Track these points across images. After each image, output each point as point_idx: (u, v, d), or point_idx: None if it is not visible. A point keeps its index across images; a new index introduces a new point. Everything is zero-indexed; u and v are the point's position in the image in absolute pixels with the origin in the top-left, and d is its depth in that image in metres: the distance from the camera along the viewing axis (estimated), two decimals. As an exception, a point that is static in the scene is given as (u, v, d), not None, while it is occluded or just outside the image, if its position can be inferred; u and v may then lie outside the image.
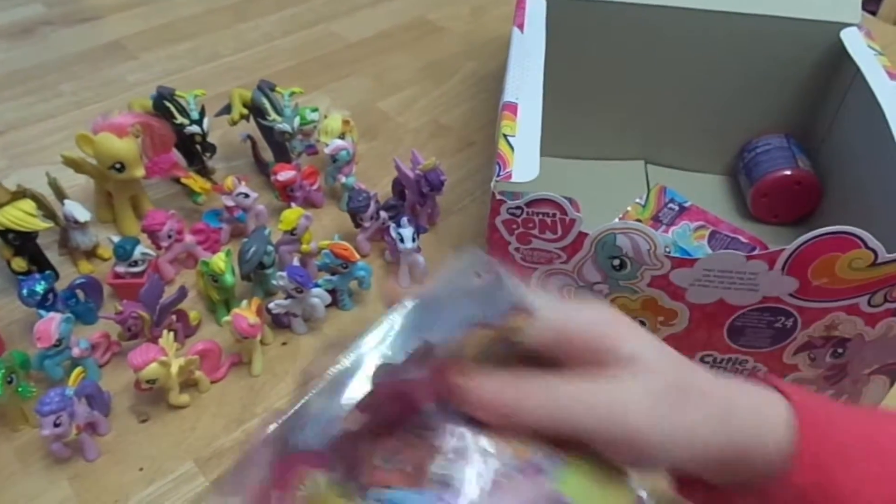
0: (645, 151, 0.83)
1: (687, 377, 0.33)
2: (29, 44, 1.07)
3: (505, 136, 0.52)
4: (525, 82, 0.58)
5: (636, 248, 0.48)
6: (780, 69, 0.73)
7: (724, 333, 0.53)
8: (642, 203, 0.74)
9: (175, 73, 1.01)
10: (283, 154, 0.78)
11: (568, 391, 0.31)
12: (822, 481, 0.33)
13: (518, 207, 0.48)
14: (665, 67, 0.76)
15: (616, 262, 0.49)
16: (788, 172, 0.71)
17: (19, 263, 0.65)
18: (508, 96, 0.56)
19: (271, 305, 0.62)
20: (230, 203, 0.70)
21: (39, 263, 0.67)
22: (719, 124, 0.78)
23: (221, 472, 0.55)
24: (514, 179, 0.48)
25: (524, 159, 0.50)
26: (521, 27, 0.67)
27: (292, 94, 0.76)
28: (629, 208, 0.74)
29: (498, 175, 0.48)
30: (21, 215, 0.61)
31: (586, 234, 0.48)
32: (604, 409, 0.30)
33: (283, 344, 0.64)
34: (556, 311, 0.33)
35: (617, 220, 0.69)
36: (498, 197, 0.48)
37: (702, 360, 0.56)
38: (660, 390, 0.32)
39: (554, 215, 0.48)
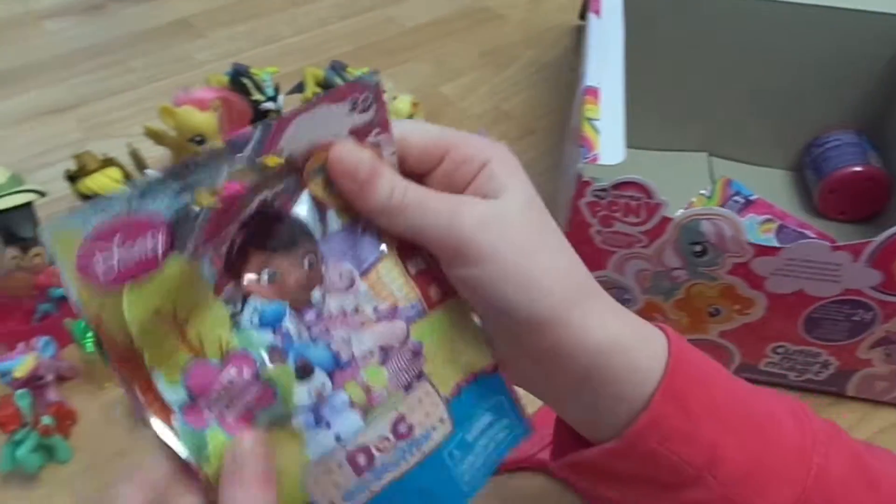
0: (708, 143, 0.83)
1: (548, 227, 0.33)
2: (99, 20, 1.09)
3: (588, 119, 0.53)
4: (606, 67, 0.58)
5: (720, 234, 0.48)
6: (853, 64, 0.73)
7: (800, 325, 0.54)
8: (708, 195, 0.74)
9: (238, 53, 1.03)
10: (352, 134, 0.79)
11: (419, 191, 0.32)
12: (677, 414, 0.32)
13: (603, 189, 0.49)
14: (732, 58, 0.76)
15: (698, 248, 0.50)
16: (859, 169, 0.71)
17: (103, 230, 0.67)
18: (590, 81, 0.57)
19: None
20: (303, 179, 0.72)
21: (119, 231, 0.69)
22: (787, 118, 0.78)
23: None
24: (600, 162, 0.49)
25: (610, 143, 0.50)
26: (597, 12, 0.67)
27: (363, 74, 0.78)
28: (694, 199, 0.74)
29: (584, 158, 0.49)
30: (108, 182, 0.63)
31: (670, 219, 0.49)
32: (445, 213, 0.31)
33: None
34: (442, 129, 0.34)
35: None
36: (584, 179, 0.49)
37: (773, 351, 0.57)
38: (513, 218, 0.31)
39: (639, 199, 0.48)
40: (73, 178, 0.66)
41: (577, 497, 0.54)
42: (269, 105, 0.75)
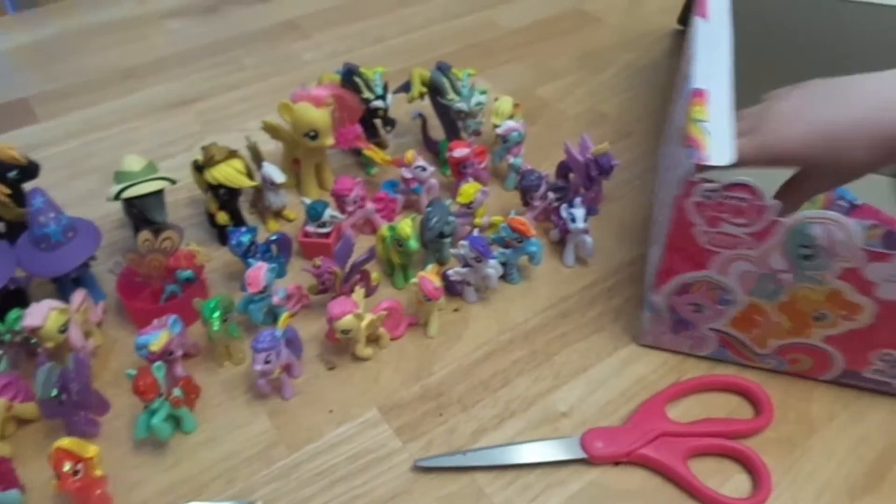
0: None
1: None
2: (214, 21, 1.16)
3: (697, 120, 0.53)
4: (713, 69, 0.59)
5: (831, 238, 0.49)
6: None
7: (910, 333, 0.53)
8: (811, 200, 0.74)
9: (344, 53, 1.07)
10: (454, 132, 0.82)
11: None
12: None
13: (714, 190, 0.49)
14: (837, 63, 0.75)
15: (806, 251, 0.50)
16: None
17: (224, 217, 0.72)
18: (697, 83, 0.57)
19: (450, 273, 0.66)
20: (408, 175, 0.75)
21: (237, 219, 0.73)
22: None
23: (403, 422, 0.59)
24: (710, 163, 0.50)
25: (719, 144, 0.51)
26: (703, 15, 0.67)
27: (469, 75, 0.80)
28: (796, 205, 0.74)
29: (692, 158, 0.50)
30: (233, 172, 0.68)
31: (780, 222, 0.49)
32: None
33: (455, 310, 0.68)
34: None
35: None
36: (693, 178, 0.50)
37: (880, 358, 0.56)
38: None
39: (749, 201, 0.49)
40: (199, 167, 0.70)
41: (676, 491, 0.55)
42: (379, 103, 0.79)
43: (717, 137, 0.52)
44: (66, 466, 0.47)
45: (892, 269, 0.49)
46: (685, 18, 1.09)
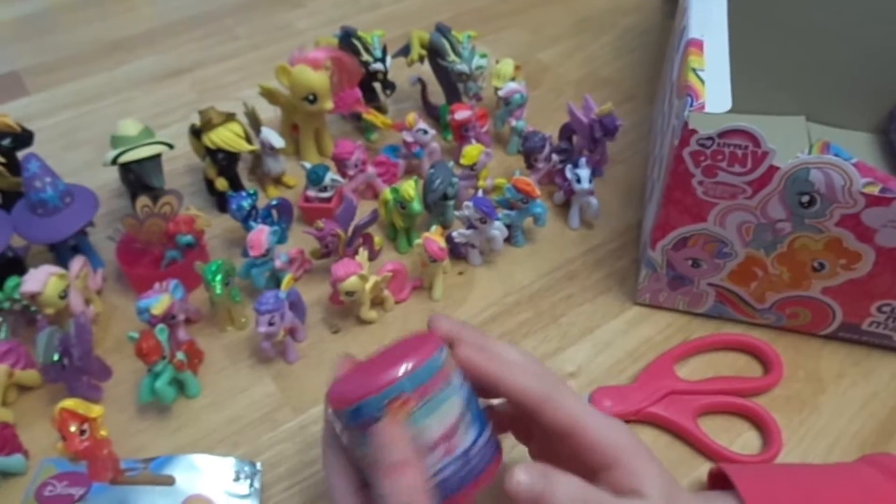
0: (806, 107, 0.81)
1: None
2: (205, -11, 1.14)
3: (694, 70, 0.53)
4: (709, 19, 0.58)
5: (830, 183, 0.48)
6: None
7: (910, 282, 0.53)
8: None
9: (339, 20, 1.05)
10: (455, 95, 0.81)
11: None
12: None
13: (709, 138, 0.48)
14: (831, 23, 0.74)
15: (805, 198, 0.49)
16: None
17: (223, 183, 0.71)
18: (693, 33, 0.56)
19: (454, 234, 0.65)
20: (409, 139, 0.74)
21: (236, 185, 0.72)
22: (880, 83, 0.75)
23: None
24: (707, 110, 0.49)
25: (716, 91, 0.50)
26: None
27: (469, 37, 0.79)
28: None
29: (690, 106, 0.49)
30: (232, 136, 0.66)
31: (777, 168, 0.48)
32: None
33: (460, 273, 0.68)
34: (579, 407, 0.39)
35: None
36: (690, 127, 0.49)
37: (879, 309, 0.56)
38: None
39: (746, 147, 0.48)
40: (196, 132, 0.69)
41: (686, 448, 0.54)
42: (378, 66, 0.77)
43: (715, 85, 0.51)
44: (73, 427, 0.46)
45: (892, 213, 0.48)
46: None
